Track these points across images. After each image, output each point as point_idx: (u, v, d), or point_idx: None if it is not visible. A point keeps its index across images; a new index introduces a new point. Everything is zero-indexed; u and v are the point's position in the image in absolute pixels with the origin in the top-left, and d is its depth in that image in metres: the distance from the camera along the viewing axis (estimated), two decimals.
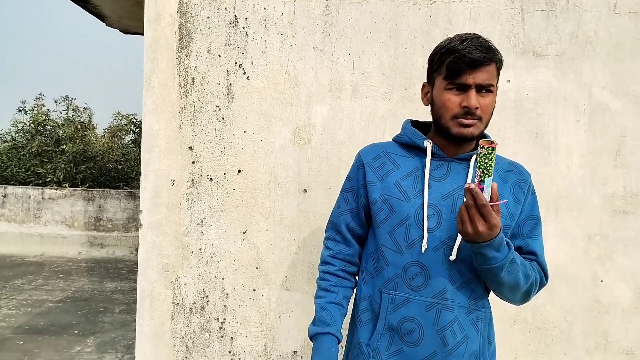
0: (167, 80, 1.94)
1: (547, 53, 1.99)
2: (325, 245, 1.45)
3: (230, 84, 1.95)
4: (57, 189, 8.26)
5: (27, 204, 8.15)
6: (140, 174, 1.96)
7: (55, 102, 10.38)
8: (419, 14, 1.96)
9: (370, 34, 1.96)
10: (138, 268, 1.98)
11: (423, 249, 1.22)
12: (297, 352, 2.01)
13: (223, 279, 1.98)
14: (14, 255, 7.68)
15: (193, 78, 1.94)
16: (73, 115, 10.28)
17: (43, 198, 8.17)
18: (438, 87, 1.24)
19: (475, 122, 1.20)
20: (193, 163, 1.95)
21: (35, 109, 10.04)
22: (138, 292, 1.98)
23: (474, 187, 1.04)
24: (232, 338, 2.00)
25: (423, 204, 1.24)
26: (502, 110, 1.99)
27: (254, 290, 1.99)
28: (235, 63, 1.94)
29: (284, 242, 1.99)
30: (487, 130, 1.98)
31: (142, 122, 1.98)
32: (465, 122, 1.20)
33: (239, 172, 1.96)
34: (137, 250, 2.01)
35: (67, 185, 8.87)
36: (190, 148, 1.95)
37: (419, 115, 1.98)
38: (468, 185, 1.04)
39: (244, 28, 1.94)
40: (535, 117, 2.00)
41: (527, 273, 1.20)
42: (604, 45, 2.00)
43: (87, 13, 4.09)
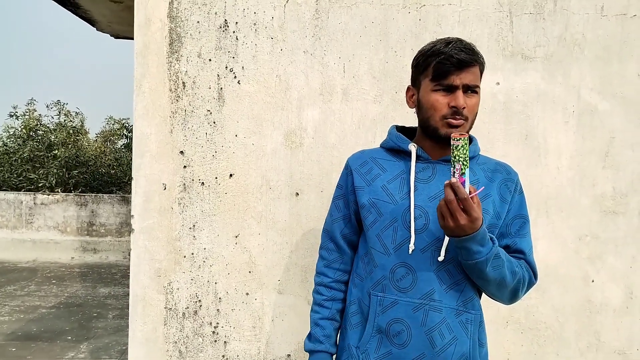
0: (157, 85, 1.94)
1: (535, 55, 2.01)
2: (320, 256, 1.47)
3: (221, 88, 1.95)
4: (49, 195, 8.22)
5: (19, 210, 8.11)
6: (132, 179, 1.96)
7: (47, 107, 10.34)
8: (409, 18, 1.97)
9: (360, 38, 1.97)
10: (130, 273, 1.97)
11: (410, 250, 1.24)
12: (290, 355, 2.01)
13: (216, 284, 1.98)
14: (6, 262, 7.63)
15: (184, 82, 1.94)
16: (65, 120, 10.24)
17: (35, 203, 8.13)
18: (425, 89, 1.27)
19: (463, 122, 1.23)
20: (184, 167, 1.95)
21: (27, 114, 9.99)
22: (130, 297, 1.98)
23: (456, 181, 1.06)
24: (225, 342, 1.99)
25: (410, 206, 1.25)
26: (491, 112, 2.00)
27: (247, 294, 1.99)
28: (226, 67, 1.95)
29: (277, 245, 1.99)
30: (476, 131, 2.00)
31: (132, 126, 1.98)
32: (454, 122, 1.22)
33: (231, 176, 1.96)
34: (130, 255, 2.01)
35: (59, 191, 8.83)
36: (182, 152, 1.95)
37: (410, 118, 1.99)
38: (449, 181, 1.06)
39: (235, 32, 1.94)
40: (525, 119, 2.01)
41: (513, 270, 1.21)
42: (592, 48, 2.02)
43: (78, 18, 4.09)
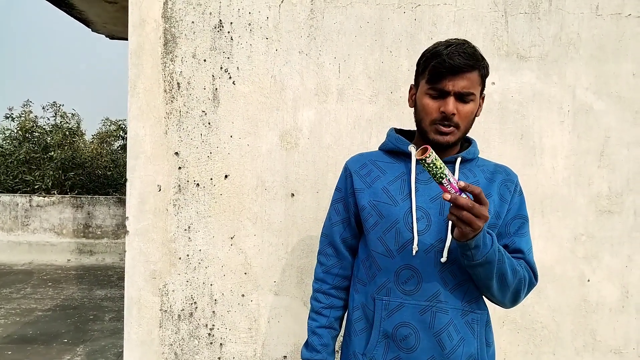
0: (152, 86, 1.93)
1: (530, 55, 2.01)
2: (318, 261, 1.45)
3: (216, 89, 1.94)
4: (45, 197, 8.19)
5: (14, 212, 8.07)
6: (127, 180, 1.95)
7: (43, 108, 10.30)
8: (404, 18, 1.97)
9: (356, 38, 1.96)
10: (125, 275, 1.96)
11: (414, 252, 1.22)
12: (287, 357, 2.01)
13: (211, 285, 1.97)
14: (2, 264, 7.60)
15: (178, 83, 1.93)
16: (61, 122, 10.20)
17: (31, 206, 8.09)
18: (421, 90, 1.26)
19: (453, 129, 1.22)
20: (179, 169, 1.94)
21: (23, 116, 9.95)
22: (125, 299, 1.97)
23: (449, 196, 1.03)
24: (221, 344, 1.99)
25: (411, 207, 1.24)
26: (487, 112, 2.00)
27: (243, 296, 1.98)
28: (221, 68, 1.94)
29: (272, 246, 1.99)
30: (472, 131, 2.00)
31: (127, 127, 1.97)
32: (443, 129, 1.21)
33: (226, 177, 1.96)
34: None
35: (55, 192, 8.79)
36: (177, 154, 1.94)
37: (405, 118, 1.98)
38: (451, 197, 1.03)
39: (229, 32, 1.94)
40: (520, 118, 2.01)
41: (514, 268, 1.20)
42: (587, 47, 2.02)
43: (73, 19, 4.07)
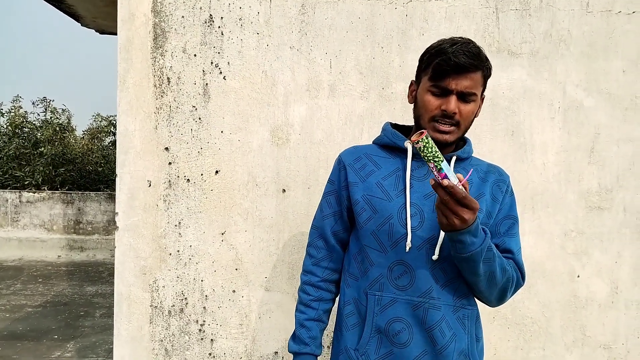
0: (141, 81, 1.91)
1: (521, 52, 2.01)
2: (308, 253, 1.43)
3: (207, 84, 1.93)
4: (35, 192, 8.13)
5: (4, 208, 8.01)
6: (116, 176, 1.94)
7: (33, 104, 10.22)
8: (395, 13, 1.97)
9: (347, 33, 1.95)
10: (115, 271, 1.95)
11: (407, 248, 1.22)
12: (278, 352, 2.00)
13: (202, 281, 1.96)
14: None
15: (168, 78, 1.92)
16: (51, 117, 10.12)
17: (21, 201, 8.03)
18: (422, 86, 1.25)
19: (453, 128, 1.21)
20: (170, 164, 1.93)
21: (13, 111, 9.86)
22: (115, 295, 1.95)
23: (448, 182, 1.02)
24: (212, 340, 1.98)
25: (405, 203, 1.24)
26: None
27: (234, 292, 1.98)
28: (211, 63, 1.93)
29: (263, 242, 1.98)
30: None
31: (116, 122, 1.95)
32: (442, 127, 1.21)
33: (217, 172, 1.95)
34: None
35: (45, 188, 8.73)
36: (167, 149, 1.93)
37: (397, 115, 1.98)
38: (437, 183, 1.03)
39: (220, 27, 1.92)
40: (511, 115, 2.02)
41: (503, 266, 1.20)
42: (577, 44, 2.03)
43: (63, 14, 4.03)
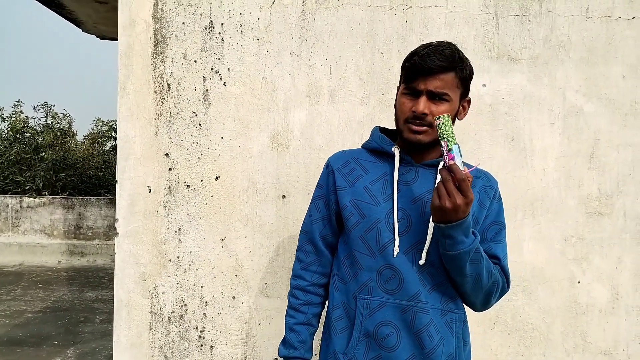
0: (142, 87, 1.92)
1: (521, 57, 2.01)
2: (297, 257, 1.44)
3: (207, 90, 1.93)
4: (35, 198, 8.13)
5: (5, 213, 8.01)
6: (117, 182, 1.94)
7: (34, 109, 10.24)
8: (395, 19, 1.97)
9: (347, 39, 1.96)
10: (114, 277, 1.95)
11: (395, 253, 1.23)
12: (277, 359, 2.00)
13: (202, 287, 1.96)
14: None
15: (169, 84, 1.92)
16: (52, 122, 10.15)
17: (21, 207, 8.03)
18: (399, 91, 1.29)
19: (425, 128, 1.22)
20: (170, 170, 1.93)
21: (14, 116, 9.89)
22: (115, 302, 1.95)
23: (453, 163, 1.05)
24: (211, 347, 1.97)
25: (393, 208, 1.25)
26: (478, 114, 2.00)
27: (234, 298, 1.98)
28: (212, 69, 1.93)
29: (263, 248, 1.98)
30: (463, 133, 2.00)
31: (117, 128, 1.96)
32: (414, 128, 1.23)
33: (217, 178, 1.95)
34: None
35: (46, 193, 8.74)
36: (167, 155, 1.93)
37: None
38: (445, 163, 1.06)
39: (220, 34, 1.93)
40: (511, 120, 2.02)
41: (490, 270, 1.21)
42: (577, 50, 2.03)
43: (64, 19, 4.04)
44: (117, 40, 1.97)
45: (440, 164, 1.07)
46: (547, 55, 2.02)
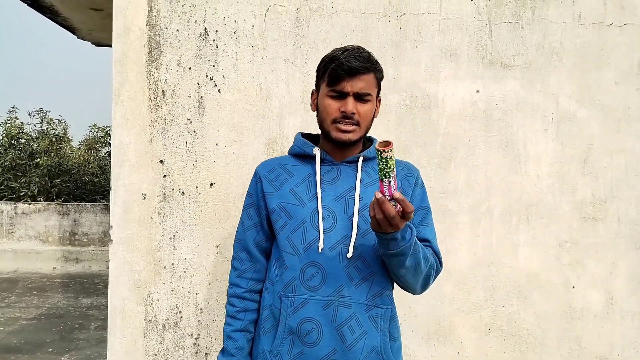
0: (136, 94, 1.92)
1: (514, 64, 2.02)
2: (232, 266, 1.47)
3: (201, 97, 1.93)
4: (30, 204, 8.09)
5: None
6: (111, 189, 1.94)
7: (29, 114, 10.20)
8: (389, 26, 1.98)
9: (341, 46, 1.96)
10: (109, 285, 1.94)
11: (319, 250, 1.28)
12: None
13: (197, 294, 1.96)
14: None
15: (163, 91, 1.92)
16: (47, 128, 10.11)
17: (16, 213, 7.99)
18: (322, 93, 1.35)
19: (354, 127, 1.30)
20: (164, 177, 1.93)
21: (9, 122, 9.84)
22: (109, 309, 1.94)
23: (399, 195, 1.08)
24: (206, 354, 1.97)
25: (317, 207, 1.31)
26: (472, 120, 2.01)
27: None
28: (206, 76, 1.93)
29: None
30: (457, 139, 2.01)
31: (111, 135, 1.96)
32: (343, 127, 1.30)
33: (212, 185, 1.94)
34: None
35: (41, 200, 8.70)
36: (162, 162, 1.93)
37: (391, 126, 1.99)
38: (390, 194, 1.08)
39: (215, 41, 1.93)
40: (505, 126, 2.03)
41: (426, 256, 1.27)
42: (570, 56, 2.05)
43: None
44: (112, 47, 1.97)
45: (378, 194, 1.09)
46: (540, 62, 2.04)
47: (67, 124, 10.62)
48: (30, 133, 9.95)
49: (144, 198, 1.93)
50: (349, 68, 1.26)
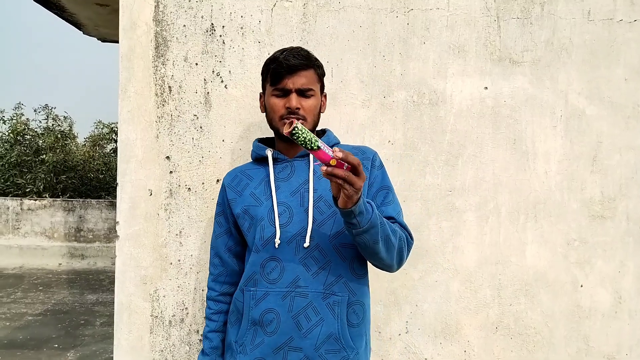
0: (143, 89, 1.91)
1: (523, 60, 2.01)
2: (209, 271, 1.58)
3: (208, 93, 1.93)
4: (36, 200, 8.13)
5: (5, 215, 8.01)
6: (118, 184, 1.93)
7: (35, 111, 10.26)
8: (397, 22, 1.97)
9: (348, 42, 1.95)
10: (115, 281, 1.94)
11: (277, 244, 1.35)
12: None
13: (203, 290, 1.95)
14: None
15: (170, 87, 1.92)
16: (53, 125, 10.16)
17: (22, 209, 8.03)
18: (267, 94, 1.44)
19: (301, 122, 1.34)
20: (171, 173, 1.93)
21: (15, 119, 9.89)
22: (115, 305, 1.94)
23: (340, 153, 1.08)
24: None
25: (273, 204, 1.38)
26: (480, 117, 2.00)
27: None
28: (213, 71, 1.92)
29: None
30: (465, 136, 2.00)
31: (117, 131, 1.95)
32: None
33: (218, 181, 1.94)
34: None
35: (47, 196, 8.73)
36: (168, 158, 1.92)
37: (398, 123, 1.98)
38: (327, 164, 1.10)
39: (221, 36, 1.92)
40: (513, 123, 2.01)
41: (393, 228, 1.32)
42: (579, 52, 2.03)
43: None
44: (118, 43, 1.96)
45: (323, 168, 1.10)
46: (549, 58, 2.02)
47: (72, 121, 10.68)
48: (36, 129, 10.01)
49: (151, 194, 1.92)
50: (288, 66, 1.35)
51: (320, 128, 1.60)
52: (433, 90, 1.99)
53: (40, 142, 9.53)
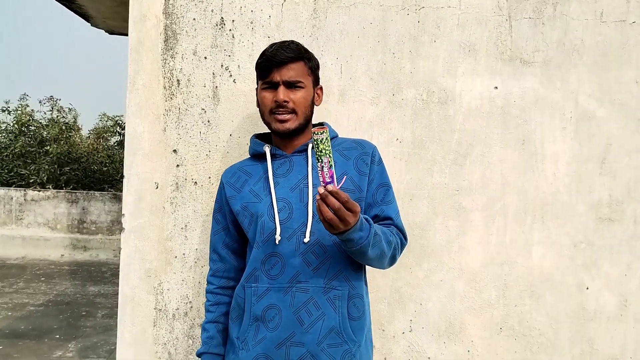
0: (151, 82, 1.90)
1: (534, 60, 1.99)
2: (209, 266, 1.59)
3: (216, 87, 1.92)
4: (40, 191, 8.15)
5: (9, 206, 8.02)
6: (124, 177, 1.93)
7: (40, 102, 10.27)
8: (407, 20, 1.95)
9: (358, 39, 1.94)
10: (120, 273, 1.94)
11: (277, 241, 1.34)
12: None
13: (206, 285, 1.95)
14: None
15: (178, 80, 1.91)
16: (58, 116, 10.17)
17: (25, 200, 8.05)
18: (258, 88, 1.44)
19: (290, 116, 1.37)
20: (177, 166, 1.92)
21: (19, 109, 9.90)
22: (119, 297, 1.94)
23: (332, 188, 1.09)
24: None
25: (272, 201, 1.38)
26: (489, 117, 1.98)
27: None
28: (222, 65, 1.92)
29: None
30: (473, 135, 1.99)
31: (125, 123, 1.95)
32: (280, 117, 1.37)
33: None
34: (120, 254, 1.98)
35: (50, 187, 8.75)
36: (175, 151, 1.92)
37: (406, 121, 1.97)
38: (325, 190, 1.09)
39: (231, 30, 1.91)
40: (522, 124, 2.00)
41: (388, 240, 1.33)
42: (591, 54, 2.01)
43: (73, 13, 4.04)
44: (125, 35, 1.96)
45: (320, 189, 1.10)
46: (560, 59, 2.00)
47: (77, 113, 10.69)
48: (41, 121, 10.01)
49: (157, 187, 1.92)
50: (275, 59, 1.34)
51: (318, 122, 1.59)
52: (442, 89, 1.98)
53: (45, 133, 9.54)
